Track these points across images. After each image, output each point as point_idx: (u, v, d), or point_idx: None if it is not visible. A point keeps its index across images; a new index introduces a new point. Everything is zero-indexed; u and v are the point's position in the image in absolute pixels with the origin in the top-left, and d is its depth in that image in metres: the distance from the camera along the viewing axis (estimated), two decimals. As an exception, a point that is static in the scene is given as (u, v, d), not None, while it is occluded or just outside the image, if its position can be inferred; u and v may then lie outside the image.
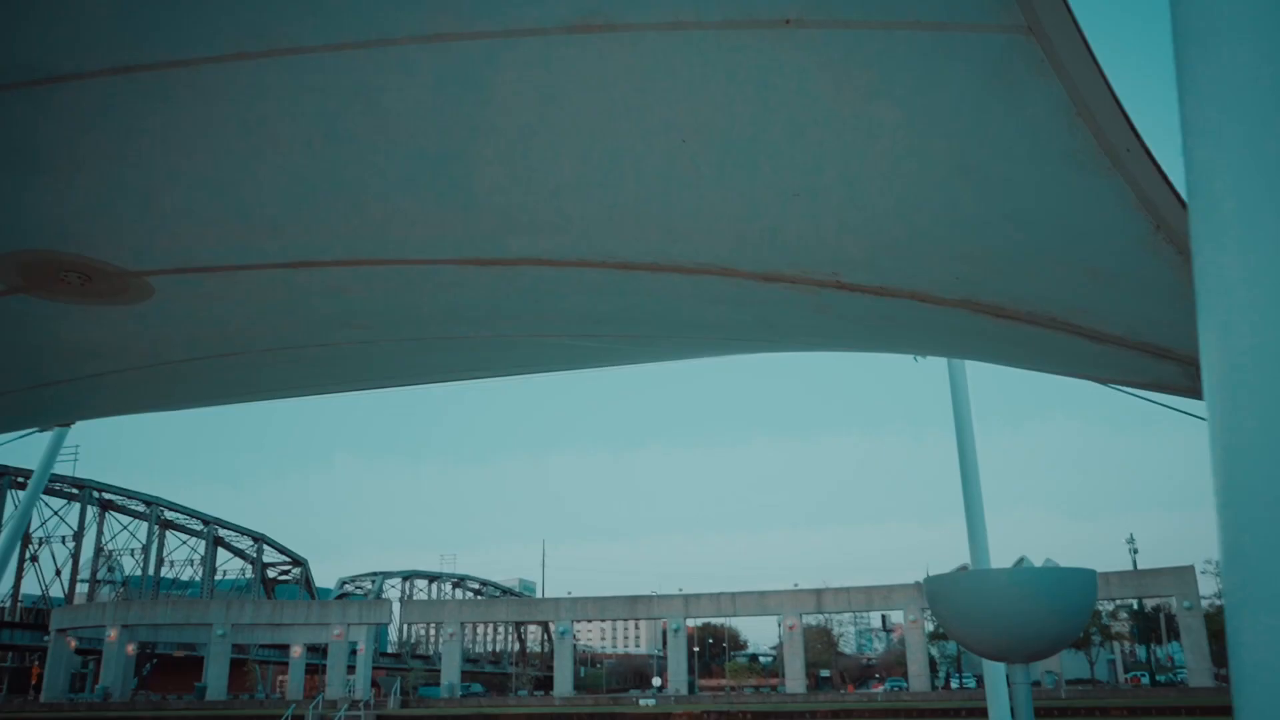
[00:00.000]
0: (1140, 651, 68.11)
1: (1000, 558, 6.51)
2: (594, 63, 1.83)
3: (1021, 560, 2.51)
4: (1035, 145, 2.04)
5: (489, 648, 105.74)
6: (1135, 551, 52.62)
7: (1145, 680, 59.64)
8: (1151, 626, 63.79)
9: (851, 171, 2.29)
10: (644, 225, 2.70)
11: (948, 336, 3.09)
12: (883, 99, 1.88)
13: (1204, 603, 49.52)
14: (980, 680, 44.05)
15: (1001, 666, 6.72)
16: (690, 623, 55.77)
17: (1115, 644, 61.99)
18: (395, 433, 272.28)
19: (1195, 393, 2.78)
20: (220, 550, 78.59)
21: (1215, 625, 50.23)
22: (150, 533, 72.84)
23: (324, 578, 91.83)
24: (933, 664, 56.66)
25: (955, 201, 2.33)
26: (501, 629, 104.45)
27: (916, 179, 2.27)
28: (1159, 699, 36.71)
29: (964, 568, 2.59)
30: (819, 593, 53.84)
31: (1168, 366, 2.64)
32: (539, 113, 2.04)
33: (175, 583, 76.12)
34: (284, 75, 1.89)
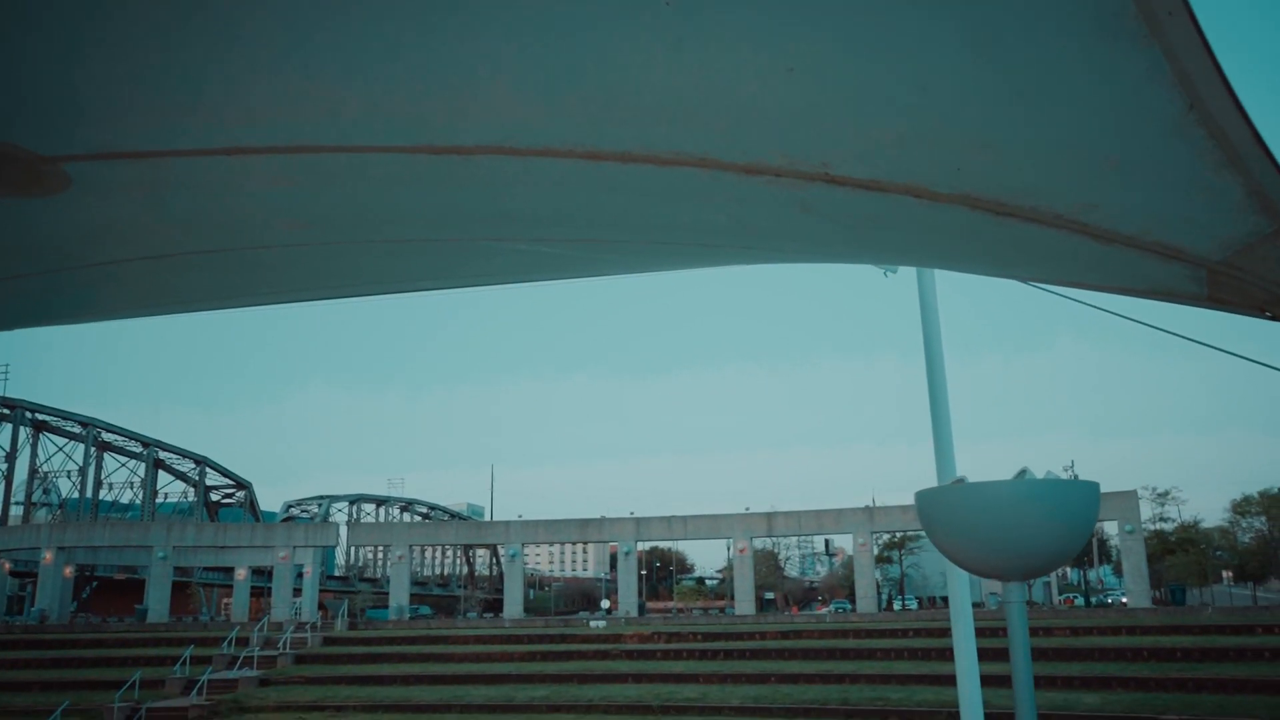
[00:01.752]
0: (1072, 574, 70.74)
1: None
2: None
3: (1023, 472, 2.38)
4: (1060, 10, 1.82)
5: (437, 571, 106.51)
6: (1075, 478, 54.01)
7: (1079, 601, 62.05)
8: (1085, 550, 66.08)
9: (850, 43, 2.05)
10: (616, 107, 2.44)
11: (938, 239, 2.91)
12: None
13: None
14: (922, 602, 45.87)
15: (966, 587, 6.73)
16: (639, 546, 56.51)
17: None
18: (340, 356, 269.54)
19: (1200, 300, 2.62)
20: (161, 474, 77.57)
21: (1153, 549, 52.21)
22: (87, 455, 71.47)
23: (269, 502, 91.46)
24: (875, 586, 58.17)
25: (964, 78, 2.11)
26: (450, 552, 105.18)
27: (921, 51, 2.04)
28: (1100, 619, 38.15)
29: (960, 480, 2.44)
30: (770, 516, 54.78)
31: (1176, 270, 2.48)
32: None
33: (115, 505, 75.12)
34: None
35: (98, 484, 73.24)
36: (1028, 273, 3.13)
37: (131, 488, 76.23)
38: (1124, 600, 51.83)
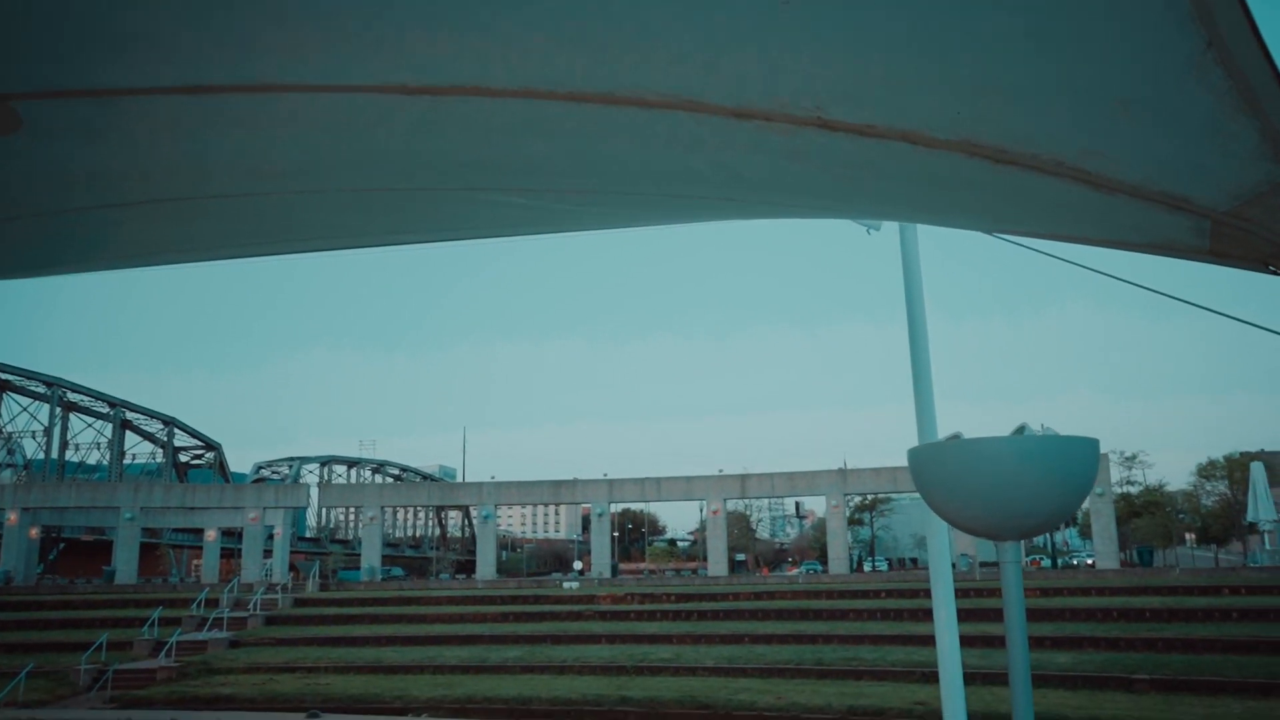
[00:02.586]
0: (1039, 537, 71.79)
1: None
2: None
3: (1022, 428, 2.31)
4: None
5: (409, 533, 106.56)
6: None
7: (1045, 563, 63.13)
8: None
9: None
10: (601, 44, 2.31)
11: (932, 190, 2.80)
12: None
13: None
14: (892, 564, 46.37)
15: (946, 549, 6.71)
16: (612, 508, 56.73)
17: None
18: (310, 317, 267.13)
19: (1201, 253, 2.54)
20: (129, 435, 76.77)
21: (1120, 512, 53.05)
22: (53, 415, 70.52)
23: (239, 463, 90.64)
24: (843, 548, 58.76)
25: (968, 15, 2.00)
26: (422, 514, 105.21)
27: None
28: (1069, 580, 38.77)
29: (955, 437, 2.37)
30: (743, 478, 55.07)
31: (1179, 221, 2.40)
32: None
33: (81, 467, 74.28)
34: None
35: (63, 445, 72.39)
36: (1020, 226, 3.04)
37: (98, 449, 75.45)
38: (1089, 562, 52.76)
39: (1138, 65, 1.96)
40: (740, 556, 70.96)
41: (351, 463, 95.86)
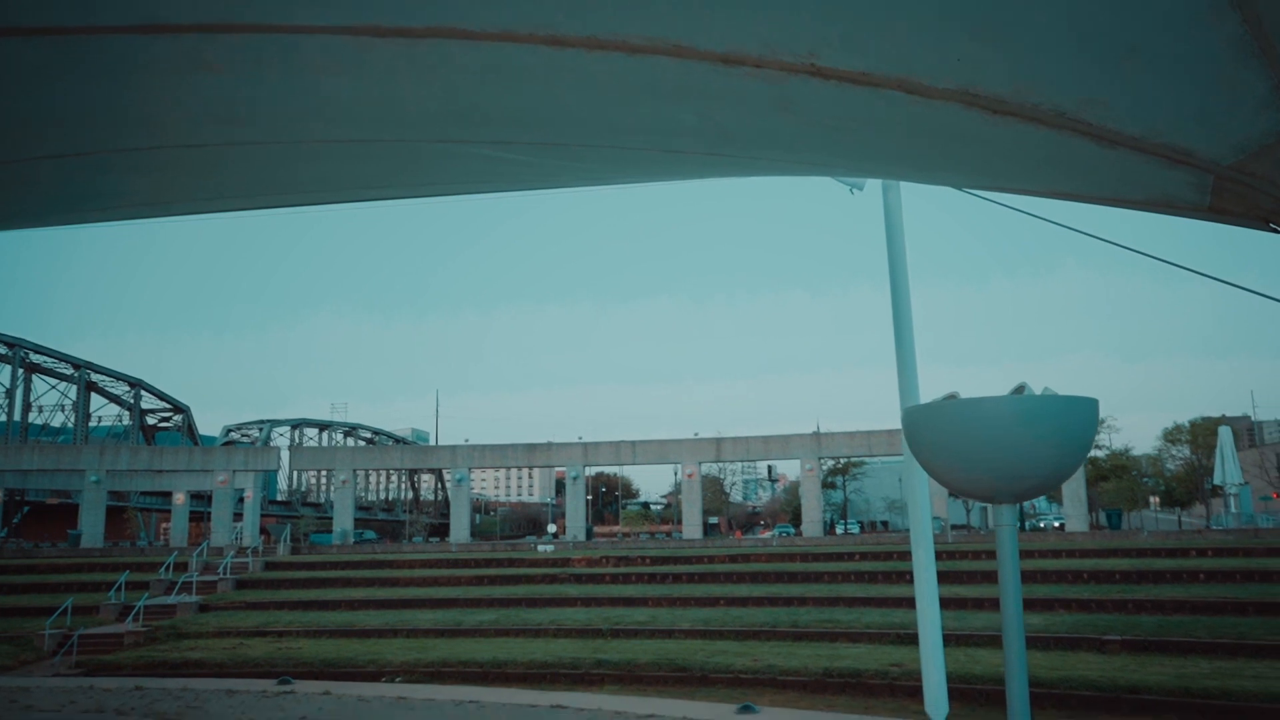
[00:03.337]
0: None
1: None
2: None
3: (1021, 388, 2.24)
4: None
5: (382, 496, 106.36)
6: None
7: (1011, 525, 63.77)
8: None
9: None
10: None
11: (926, 145, 2.70)
12: None
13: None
14: (863, 527, 46.80)
15: (927, 512, 6.70)
16: (587, 471, 56.82)
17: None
18: (279, 278, 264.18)
19: (1200, 210, 2.47)
20: (95, 397, 75.79)
21: (1089, 475, 53.75)
22: (15, 376, 69.44)
23: (208, 426, 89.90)
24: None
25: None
26: (395, 477, 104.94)
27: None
28: (1040, 543, 39.33)
29: (951, 396, 2.30)
30: (718, 442, 55.27)
31: (1180, 175, 2.32)
32: None
33: (45, 429, 73.33)
34: None
35: (26, 407, 71.34)
36: (1017, 182, 2.95)
37: (63, 411, 74.45)
38: (1057, 524, 53.56)
39: (1150, 9, 1.87)
40: (713, 519, 71.45)
41: (323, 426, 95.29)
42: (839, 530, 60.69)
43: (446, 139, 3.42)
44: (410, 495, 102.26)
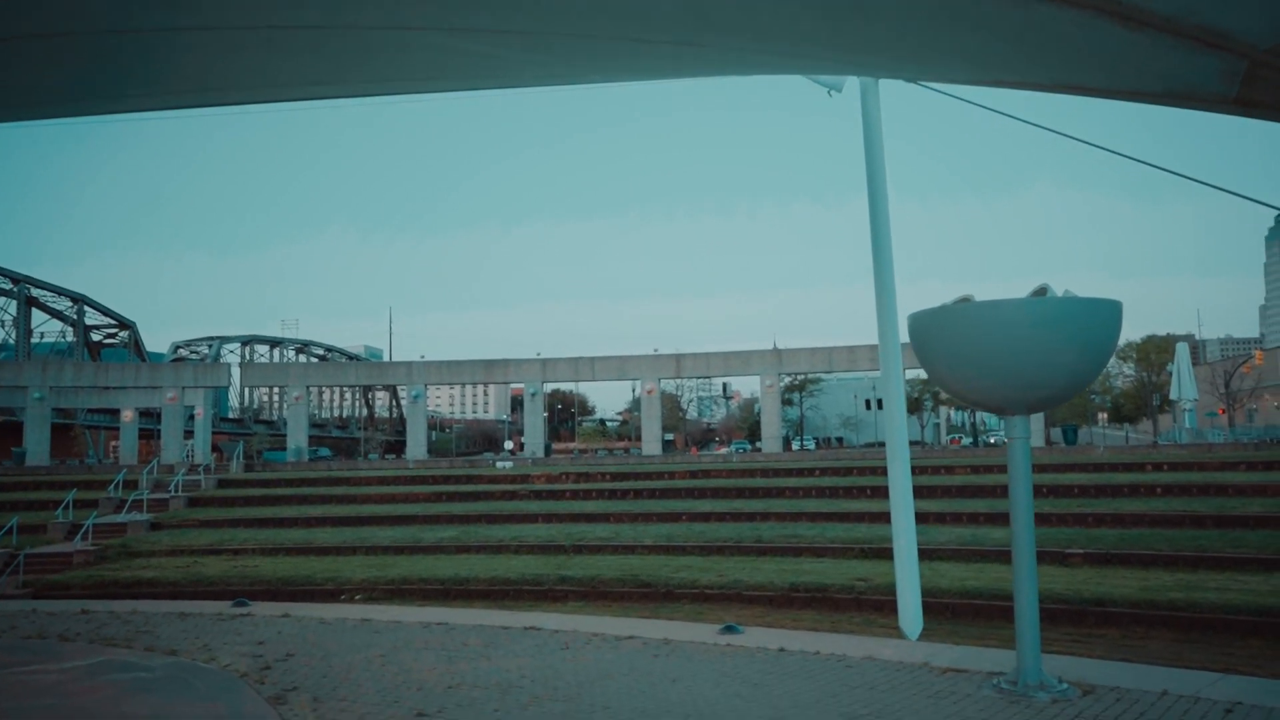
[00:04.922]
0: (956, 416, 73.95)
1: (869, 328, 5.71)
2: None
3: (1043, 290, 1.60)
4: None
5: (336, 414, 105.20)
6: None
7: (966, 441, 65.07)
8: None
9: None
10: None
11: (930, 30, 2.11)
12: None
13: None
14: (819, 443, 47.22)
15: (903, 425, 6.21)
16: (545, 388, 56.21)
17: (942, 409, 66.68)
18: (226, 191, 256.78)
19: (1225, 101, 1.97)
20: (37, 313, 73.28)
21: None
22: (-51, 292, 66.70)
23: (157, 344, 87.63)
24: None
25: None
26: (349, 395, 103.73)
27: None
28: (1000, 458, 39.55)
29: (966, 299, 1.65)
30: (678, 358, 54.89)
31: (1209, 61, 1.94)
32: None
33: (-15, 345, 70.93)
34: None
35: (-37, 322, 68.76)
36: (1025, 72, 2.45)
37: (2, 327, 71.91)
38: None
39: None
40: (669, 436, 71.64)
41: (274, 343, 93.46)
42: (795, 446, 61.12)
43: (403, 25, 2.81)
44: (364, 413, 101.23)
